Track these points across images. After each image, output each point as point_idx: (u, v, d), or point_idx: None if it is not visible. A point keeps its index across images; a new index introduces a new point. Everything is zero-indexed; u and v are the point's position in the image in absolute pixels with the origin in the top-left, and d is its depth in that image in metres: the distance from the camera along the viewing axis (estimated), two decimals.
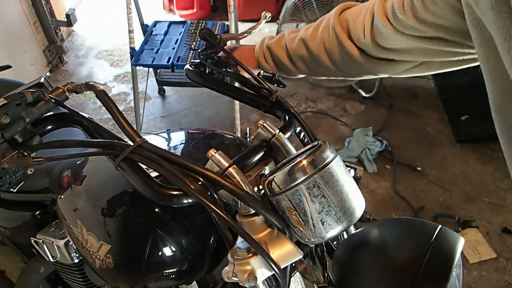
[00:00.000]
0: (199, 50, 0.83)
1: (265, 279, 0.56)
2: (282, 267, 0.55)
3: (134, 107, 2.47)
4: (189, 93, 2.83)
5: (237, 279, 0.54)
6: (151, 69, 2.57)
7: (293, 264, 0.60)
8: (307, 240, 0.56)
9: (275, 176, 0.54)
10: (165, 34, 2.29)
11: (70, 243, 0.93)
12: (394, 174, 2.20)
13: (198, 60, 0.85)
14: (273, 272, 0.55)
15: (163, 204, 0.56)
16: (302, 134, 0.76)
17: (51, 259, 0.98)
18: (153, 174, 0.74)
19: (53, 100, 0.52)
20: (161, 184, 0.55)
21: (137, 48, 2.18)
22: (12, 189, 0.51)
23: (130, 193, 0.75)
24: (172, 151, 0.72)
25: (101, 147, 0.56)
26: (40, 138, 0.55)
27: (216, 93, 0.82)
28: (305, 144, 0.77)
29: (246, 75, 0.84)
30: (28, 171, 0.48)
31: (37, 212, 1.05)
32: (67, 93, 0.58)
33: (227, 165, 0.55)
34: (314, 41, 0.78)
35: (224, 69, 0.85)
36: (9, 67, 1.27)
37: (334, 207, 0.54)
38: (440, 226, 0.61)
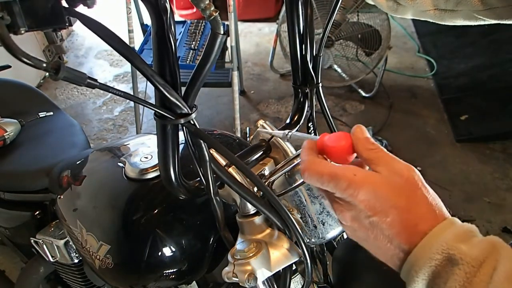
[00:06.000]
0: None
1: (265, 279, 0.56)
2: (282, 267, 0.55)
3: (134, 107, 2.48)
4: None
5: (237, 279, 0.54)
6: None
7: (293, 265, 0.60)
8: (307, 240, 0.56)
9: (274, 178, 0.54)
10: None
11: (70, 243, 0.93)
12: None
13: None
14: (273, 272, 0.55)
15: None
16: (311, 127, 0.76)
17: (51, 259, 0.98)
18: (154, 174, 0.74)
19: None
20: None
21: (137, 48, 2.18)
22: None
23: (129, 194, 0.75)
24: None
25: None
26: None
27: (216, 93, 0.82)
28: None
29: None
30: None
31: (37, 212, 1.05)
32: None
33: (224, 163, 0.56)
34: None
35: None
36: (8, 67, 1.27)
37: None
38: None
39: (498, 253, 0.34)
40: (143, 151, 0.81)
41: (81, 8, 0.38)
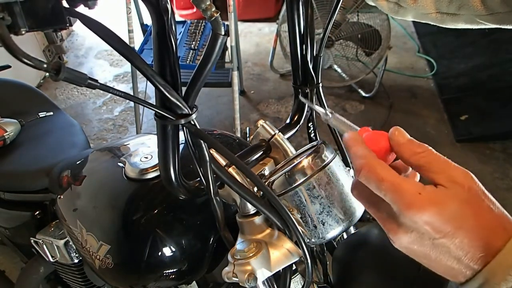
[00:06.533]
0: None
1: (265, 279, 0.56)
2: (282, 267, 0.55)
3: (134, 107, 2.48)
4: None
5: (237, 279, 0.54)
6: None
7: (293, 265, 0.60)
8: (307, 240, 0.56)
9: (274, 177, 0.54)
10: None
11: (70, 243, 0.93)
12: None
13: None
14: (273, 272, 0.55)
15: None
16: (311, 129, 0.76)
17: (51, 259, 0.98)
18: (154, 174, 0.74)
19: None
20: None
21: (137, 48, 2.18)
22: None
23: (129, 194, 0.75)
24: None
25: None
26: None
27: (216, 93, 0.82)
28: (311, 139, 0.77)
29: None
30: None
31: (37, 212, 1.05)
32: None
33: (224, 163, 0.56)
34: None
35: None
36: (8, 67, 1.27)
37: (335, 208, 0.54)
38: None
39: None
40: (143, 151, 0.81)
41: (81, 9, 0.38)
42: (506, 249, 0.33)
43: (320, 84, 0.72)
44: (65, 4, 0.37)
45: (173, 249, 0.69)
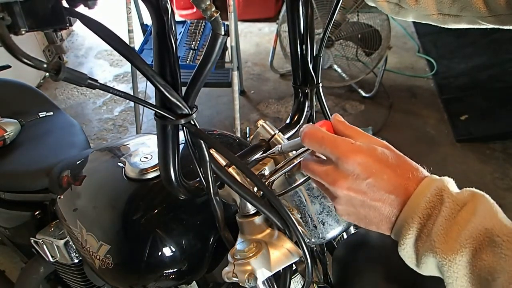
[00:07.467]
0: None
1: (265, 279, 0.56)
2: (282, 267, 0.55)
3: (134, 107, 2.48)
4: None
5: (237, 279, 0.54)
6: None
7: (293, 265, 0.60)
8: (307, 240, 0.56)
9: (274, 178, 0.54)
10: None
11: (70, 243, 0.93)
12: None
13: None
14: (273, 272, 0.55)
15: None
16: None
17: (51, 259, 0.98)
18: (154, 174, 0.74)
19: None
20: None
21: (137, 48, 2.18)
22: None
23: (129, 194, 0.75)
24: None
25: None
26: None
27: (216, 93, 0.81)
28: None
29: None
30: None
31: (37, 212, 1.05)
32: None
33: (224, 163, 0.56)
34: None
35: None
36: (8, 67, 1.27)
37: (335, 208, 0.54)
38: None
39: (477, 199, 0.42)
40: (143, 151, 0.81)
41: (81, 9, 0.38)
42: (426, 179, 0.43)
43: (320, 84, 0.72)
44: (65, 4, 0.37)
45: (173, 249, 0.69)
